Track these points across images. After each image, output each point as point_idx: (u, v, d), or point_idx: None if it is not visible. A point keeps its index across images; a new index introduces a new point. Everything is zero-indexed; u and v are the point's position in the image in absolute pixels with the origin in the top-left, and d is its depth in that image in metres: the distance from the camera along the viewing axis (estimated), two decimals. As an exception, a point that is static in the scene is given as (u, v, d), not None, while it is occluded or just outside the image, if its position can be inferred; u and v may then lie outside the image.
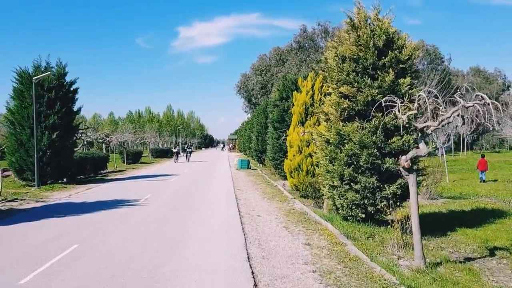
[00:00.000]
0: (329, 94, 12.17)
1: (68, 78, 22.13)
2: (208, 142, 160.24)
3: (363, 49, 10.44)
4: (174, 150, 46.13)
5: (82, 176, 26.39)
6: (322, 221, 10.84)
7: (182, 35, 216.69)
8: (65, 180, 22.57)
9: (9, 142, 20.39)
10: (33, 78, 19.02)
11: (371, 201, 10.26)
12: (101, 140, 33.96)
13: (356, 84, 10.39)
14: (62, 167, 21.15)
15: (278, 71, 52.38)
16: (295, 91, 18.76)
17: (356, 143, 10.10)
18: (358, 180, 10.25)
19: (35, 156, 18.90)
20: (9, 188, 18.92)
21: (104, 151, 34.14)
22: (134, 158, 41.98)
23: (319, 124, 17.64)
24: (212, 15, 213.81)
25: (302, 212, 12.25)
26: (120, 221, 10.65)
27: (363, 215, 10.45)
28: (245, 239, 8.63)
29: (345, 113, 10.70)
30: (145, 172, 29.67)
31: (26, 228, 9.87)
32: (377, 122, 10.10)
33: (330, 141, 10.87)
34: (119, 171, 31.78)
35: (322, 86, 17.76)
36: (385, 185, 10.16)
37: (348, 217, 10.83)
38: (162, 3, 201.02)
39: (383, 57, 10.40)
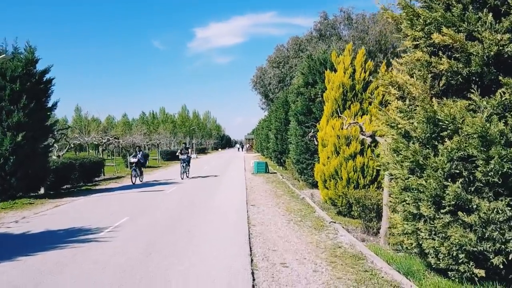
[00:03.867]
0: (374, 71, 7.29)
1: (40, 66, 17.76)
2: (225, 142, 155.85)
3: (477, -42, 5.57)
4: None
5: (68, 186, 22.07)
6: (403, 280, 5.96)
7: (198, 36, 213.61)
8: (41, 191, 18.31)
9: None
10: (-18, 62, 14.61)
11: (498, 245, 5.39)
12: (96, 143, 29.73)
13: (464, 25, 5.52)
14: (32, 177, 16.76)
15: (297, 62, 47.36)
16: (328, 71, 13.86)
17: (474, 136, 5.22)
18: (473, 205, 5.41)
19: (-10, 164, 14.52)
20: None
21: (101, 155, 29.90)
22: (139, 161, 37.66)
23: (364, 114, 12.81)
24: (227, 15, 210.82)
25: (355, 255, 7.38)
26: None
27: (482, 272, 5.56)
28: None
29: (442, 82, 5.84)
30: (145, 179, 25.16)
31: None
32: (507, 96, 5.24)
33: (413, 135, 6.01)
34: (117, 178, 27.37)
35: (366, 61, 12.87)
36: (529, 217, 5.28)
37: (449, 272, 5.94)
38: (177, 4, 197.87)
39: (513, -25, 5.52)
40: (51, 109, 18.30)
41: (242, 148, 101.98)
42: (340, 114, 12.65)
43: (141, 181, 22.27)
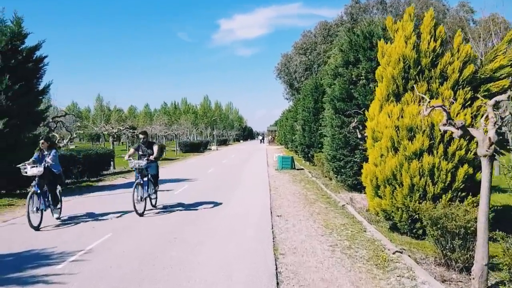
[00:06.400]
0: None
1: (30, 42, 15.20)
2: (247, 134, 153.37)
3: None
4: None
5: (68, 181, 19.53)
6: None
7: (223, 27, 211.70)
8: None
9: None
10: None
11: None
12: (105, 132, 27.18)
13: None
14: (17, 171, 14.13)
15: (326, 48, 43.82)
16: (382, 41, 10.56)
17: None
18: None
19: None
20: None
21: (112, 146, 27.35)
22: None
23: (432, 97, 9.48)
24: (252, 6, 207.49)
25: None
26: None
27: None
28: None
29: None
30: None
31: None
32: None
33: None
34: (127, 172, 24.76)
35: (436, 27, 9.54)
36: None
37: None
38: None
39: None
40: (42, 92, 15.63)
41: (263, 139, 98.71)
42: (398, 98, 9.45)
43: (58, 218, 10.26)
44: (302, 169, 24.08)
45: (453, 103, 8.82)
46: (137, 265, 6.32)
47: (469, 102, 8.92)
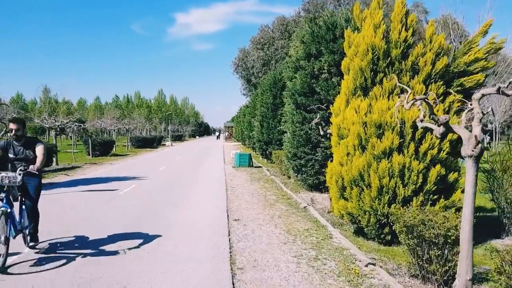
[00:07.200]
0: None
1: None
2: (204, 130, 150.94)
3: None
4: None
5: None
6: None
7: (179, 21, 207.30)
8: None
9: None
10: None
11: None
12: (47, 126, 25.01)
13: None
14: None
15: (284, 44, 43.20)
16: (348, 30, 9.79)
17: None
18: None
19: None
20: None
21: (54, 141, 25.23)
22: (103, 149, 33.03)
23: (402, 91, 8.81)
24: (208, 1, 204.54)
25: None
26: None
27: None
28: None
29: None
30: (102, 172, 20.74)
31: None
32: None
33: None
34: (72, 168, 22.91)
35: (407, 15, 8.88)
36: None
37: None
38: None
39: None
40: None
41: (219, 136, 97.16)
42: (365, 92, 8.73)
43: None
44: (260, 166, 23.24)
45: (428, 95, 8.19)
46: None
47: (441, 98, 8.35)
